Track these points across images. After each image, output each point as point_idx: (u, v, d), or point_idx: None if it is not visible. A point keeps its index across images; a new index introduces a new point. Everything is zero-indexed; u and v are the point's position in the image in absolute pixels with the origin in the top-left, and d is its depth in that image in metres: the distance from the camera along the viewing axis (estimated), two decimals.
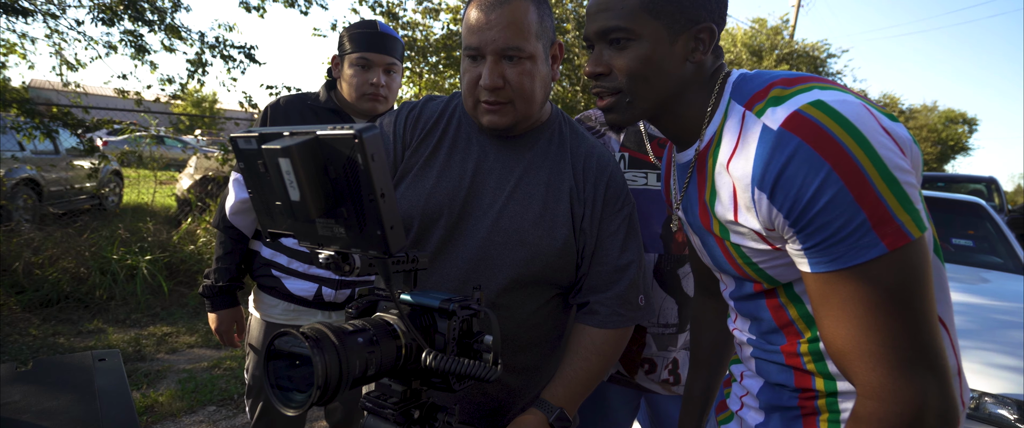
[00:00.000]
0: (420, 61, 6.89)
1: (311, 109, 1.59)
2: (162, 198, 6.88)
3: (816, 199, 0.61)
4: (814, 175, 0.61)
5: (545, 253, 1.01)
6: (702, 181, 0.79)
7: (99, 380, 1.09)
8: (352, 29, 1.56)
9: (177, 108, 8.60)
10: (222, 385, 3.03)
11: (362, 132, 0.53)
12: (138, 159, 6.26)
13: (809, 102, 0.64)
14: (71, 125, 4.90)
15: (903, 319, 0.61)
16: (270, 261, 1.56)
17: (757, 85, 0.72)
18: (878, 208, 0.59)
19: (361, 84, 1.53)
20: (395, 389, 0.74)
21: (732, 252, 0.77)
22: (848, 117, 0.61)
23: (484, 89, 0.97)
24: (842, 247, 0.61)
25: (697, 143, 0.79)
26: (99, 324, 3.81)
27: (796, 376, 0.78)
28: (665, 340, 1.36)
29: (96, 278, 4.15)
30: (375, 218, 0.56)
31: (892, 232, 0.59)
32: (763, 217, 0.68)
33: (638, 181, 1.35)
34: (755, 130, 0.67)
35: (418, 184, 1.05)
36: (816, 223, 0.62)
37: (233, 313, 1.61)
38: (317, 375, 0.57)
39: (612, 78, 0.77)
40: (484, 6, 0.95)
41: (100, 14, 4.81)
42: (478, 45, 0.95)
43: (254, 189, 0.63)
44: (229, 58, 5.36)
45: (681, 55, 0.76)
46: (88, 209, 6.50)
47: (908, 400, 0.60)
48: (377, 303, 0.77)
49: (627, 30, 0.74)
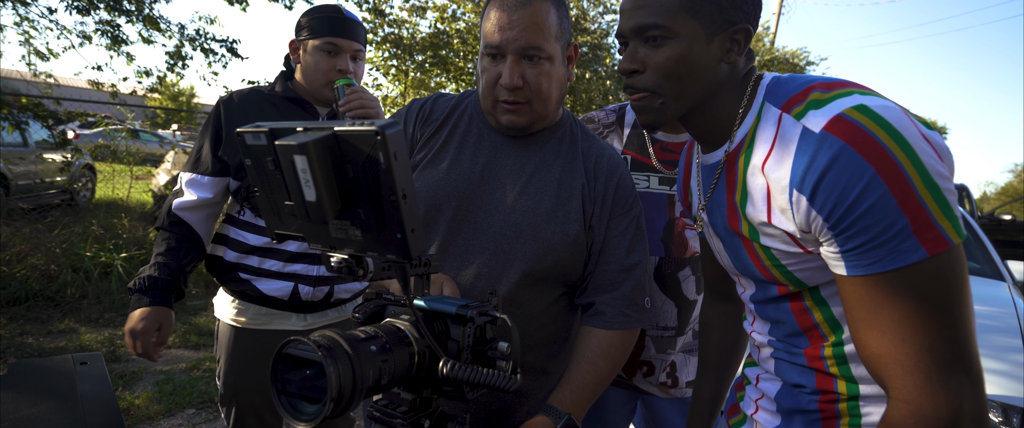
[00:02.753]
0: (406, 59, 6.82)
1: (269, 101, 1.49)
2: (138, 194, 6.67)
3: (859, 202, 0.61)
4: (858, 179, 0.60)
5: (557, 248, 1.01)
6: (731, 183, 0.78)
7: (81, 385, 1.03)
8: (314, 13, 1.48)
9: (153, 102, 8.36)
10: (201, 387, 2.94)
11: (385, 129, 0.50)
12: (112, 153, 6.06)
13: (852, 106, 0.63)
14: (42, 117, 4.72)
15: (940, 324, 0.61)
16: (237, 263, 1.46)
17: (793, 88, 0.72)
18: (920, 213, 0.59)
19: (328, 70, 1.46)
20: (405, 398, 0.71)
21: (760, 254, 0.76)
22: (892, 122, 0.61)
23: (504, 88, 0.98)
24: (882, 251, 0.61)
25: (727, 144, 0.78)
26: (70, 323, 3.67)
27: (818, 378, 0.77)
28: (664, 343, 1.36)
29: (68, 276, 4.00)
30: (395, 220, 0.53)
31: (933, 238, 0.60)
32: (800, 220, 0.67)
33: (640, 184, 1.35)
34: (795, 132, 0.67)
35: (427, 175, 1.05)
36: (857, 226, 0.61)
37: (161, 314, 1.35)
38: (330, 386, 0.54)
39: (646, 76, 0.76)
40: (507, 6, 0.96)
41: (75, 2, 4.64)
42: (500, 44, 0.96)
43: (261, 188, 0.60)
44: (210, 52, 5.22)
45: (716, 56, 0.75)
46: (58, 204, 6.27)
47: (945, 405, 0.60)
48: (385, 308, 0.74)
49: (665, 28, 0.73)
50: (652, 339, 1.36)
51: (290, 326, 1.51)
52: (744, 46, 0.76)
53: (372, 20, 6.40)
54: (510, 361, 0.67)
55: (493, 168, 1.05)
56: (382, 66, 6.95)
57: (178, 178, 1.49)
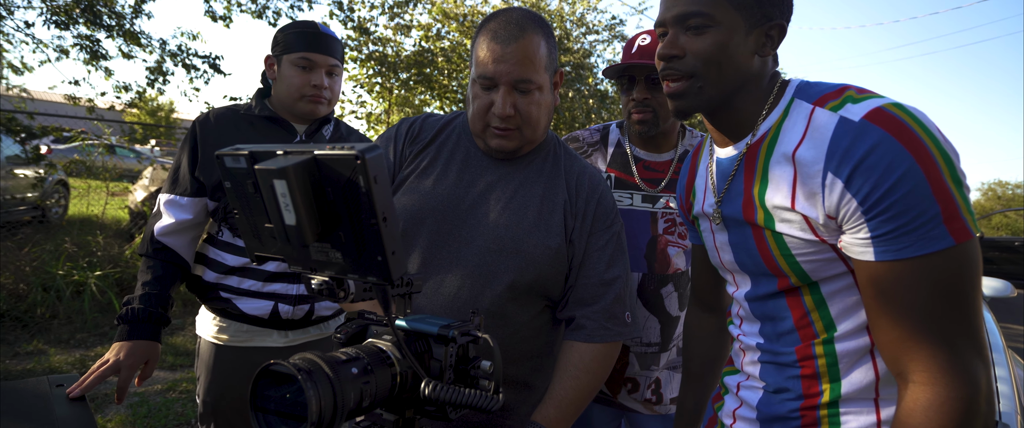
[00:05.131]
0: (391, 77, 6.84)
1: (246, 119, 1.49)
2: (113, 210, 6.52)
3: (896, 188, 0.64)
4: (898, 165, 0.64)
5: (539, 261, 1.04)
6: (750, 173, 0.81)
7: (58, 408, 1.00)
8: (291, 29, 1.49)
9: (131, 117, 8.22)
10: (177, 409, 2.86)
11: (365, 152, 0.50)
12: (87, 169, 5.93)
13: (890, 102, 0.69)
14: (14, 131, 4.61)
15: (961, 309, 0.65)
16: (217, 284, 1.45)
17: (827, 88, 0.77)
18: (950, 204, 0.64)
19: (302, 85, 1.46)
20: (387, 418, 0.70)
21: (771, 243, 0.78)
22: (924, 122, 0.67)
23: (496, 116, 1.02)
24: (913, 237, 0.64)
25: (749, 137, 0.81)
26: (39, 345, 3.54)
27: (803, 383, 0.79)
28: (648, 359, 1.37)
29: (37, 295, 3.87)
30: (376, 243, 0.53)
31: (959, 228, 0.64)
32: (830, 204, 0.70)
33: (623, 201, 1.37)
34: (831, 121, 0.71)
35: (413, 190, 1.08)
36: (892, 211, 0.65)
37: (149, 348, 1.32)
38: (311, 411, 0.54)
39: (685, 61, 0.79)
40: (500, 39, 1.00)
41: (53, 17, 4.58)
42: (493, 75, 1.00)
43: (241, 210, 0.60)
44: (192, 67, 5.18)
45: (752, 48, 0.78)
46: (29, 221, 6.09)
47: (966, 386, 0.63)
48: (367, 328, 0.74)
49: (708, 16, 0.76)
50: (636, 356, 1.37)
51: (272, 343, 1.49)
52: (778, 42, 0.80)
53: (357, 38, 6.42)
54: (492, 380, 0.67)
55: (478, 185, 1.07)
56: (366, 83, 6.96)
57: (157, 200, 1.47)
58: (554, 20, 7.51)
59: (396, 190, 1.10)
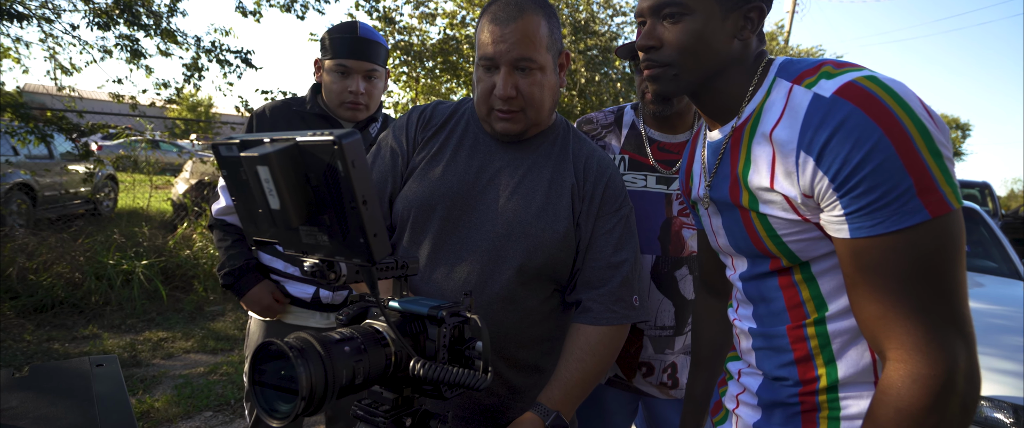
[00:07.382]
0: (416, 66, 6.89)
1: (298, 115, 1.55)
2: (157, 203, 6.85)
3: (865, 163, 0.62)
4: (866, 139, 0.62)
5: (547, 244, 1.04)
6: (735, 155, 0.80)
7: (97, 386, 1.07)
8: (333, 32, 1.52)
9: (172, 113, 8.57)
10: (219, 390, 3.01)
11: (342, 138, 0.52)
12: (133, 164, 6.24)
13: (863, 76, 0.66)
14: (66, 130, 4.88)
15: (939, 285, 0.63)
16: (268, 266, 1.56)
17: (806, 65, 0.75)
18: (924, 177, 0.61)
19: (340, 91, 1.50)
20: (386, 397, 0.73)
21: (757, 224, 0.77)
22: (899, 92, 0.64)
23: (498, 98, 1.02)
24: (886, 212, 0.63)
25: (734, 120, 0.80)
26: (94, 329, 3.78)
27: (799, 369, 0.78)
28: (662, 342, 1.35)
29: (91, 283, 4.13)
30: (358, 225, 0.55)
31: (936, 201, 0.62)
32: (804, 182, 0.68)
33: (638, 183, 1.35)
34: (805, 99, 0.69)
35: (424, 177, 1.09)
36: (863, 187, 0.63)
37: (265, 286, 1.51)
38: (301, 386, 0.56)
39: (662, 51, 0.79)
40: (499, 20, 1.00)
41: (95, 19, 4.80)
42: (493, 56, 1.00)
43: (237, 197, 0.62)
44: (225, 62, 5.34)
45: (730, 32, 0.77)
46: (83, 214, 6.47)
47: (942, 362, 0.61)
48: (368, 310, 0.76)
49: (683, 4, 0.76)
50: (650, 339, 1.36)
51: (314, 324, 1.60)
52: (758, 24, 0.78)
53: (383, 28, 6.49)
54: (481, 359, 0.68)
55: (487, 171, 1.08)
56: (392, 73, 7.04)
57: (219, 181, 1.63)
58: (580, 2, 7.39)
59: (408, 177, 1.11)
